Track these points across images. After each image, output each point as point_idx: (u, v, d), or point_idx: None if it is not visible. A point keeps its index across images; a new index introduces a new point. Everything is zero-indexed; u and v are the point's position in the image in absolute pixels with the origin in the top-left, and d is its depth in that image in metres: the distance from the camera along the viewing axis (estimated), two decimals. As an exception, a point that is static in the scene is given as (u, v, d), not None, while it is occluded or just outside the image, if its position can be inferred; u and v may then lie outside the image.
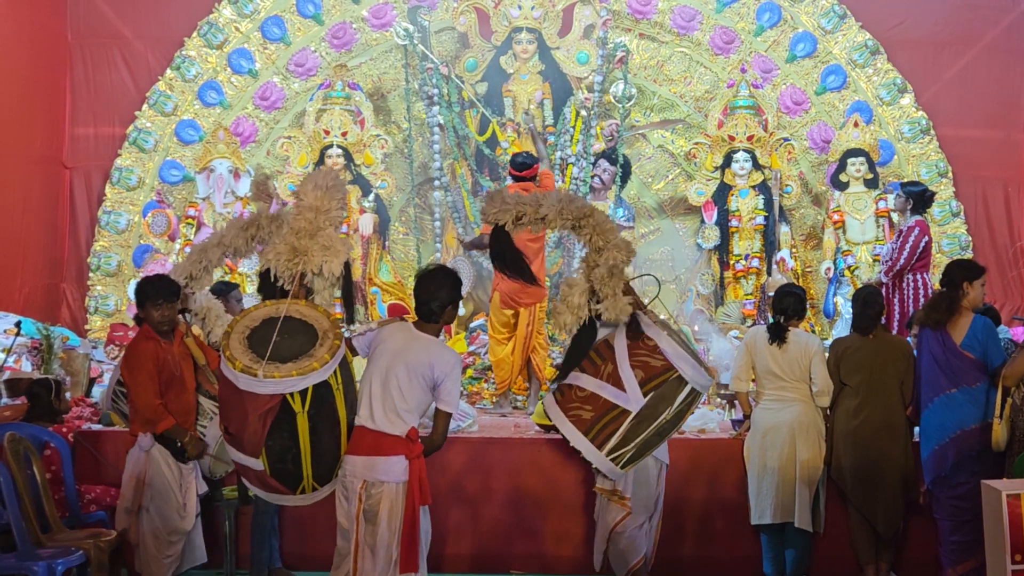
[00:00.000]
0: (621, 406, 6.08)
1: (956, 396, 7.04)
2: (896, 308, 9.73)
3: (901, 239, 9.74)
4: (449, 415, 5.69)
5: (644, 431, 6.14)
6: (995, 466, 6.85)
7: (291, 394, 5.31)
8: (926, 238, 9.75)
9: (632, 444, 6.16)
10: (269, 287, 5.87)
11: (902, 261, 9.67)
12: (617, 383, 6.11)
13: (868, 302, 7.63)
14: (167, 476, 6.51)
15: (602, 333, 6.25)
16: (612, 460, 6.17)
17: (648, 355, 6.16)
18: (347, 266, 5.94)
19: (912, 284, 9.73)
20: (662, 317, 6.37)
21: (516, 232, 6.37)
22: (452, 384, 5.63)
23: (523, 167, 9.54)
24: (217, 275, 8.84)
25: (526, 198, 6.34)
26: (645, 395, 6.07)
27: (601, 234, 6.21)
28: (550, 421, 7.22)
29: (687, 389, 6.13)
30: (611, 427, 6.10)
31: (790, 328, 7.54)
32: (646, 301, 6.42)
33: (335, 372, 5.46)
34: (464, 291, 10.41)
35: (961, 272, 7.20)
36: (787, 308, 7.58)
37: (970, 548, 6.94)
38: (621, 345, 6.16)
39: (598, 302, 6.15)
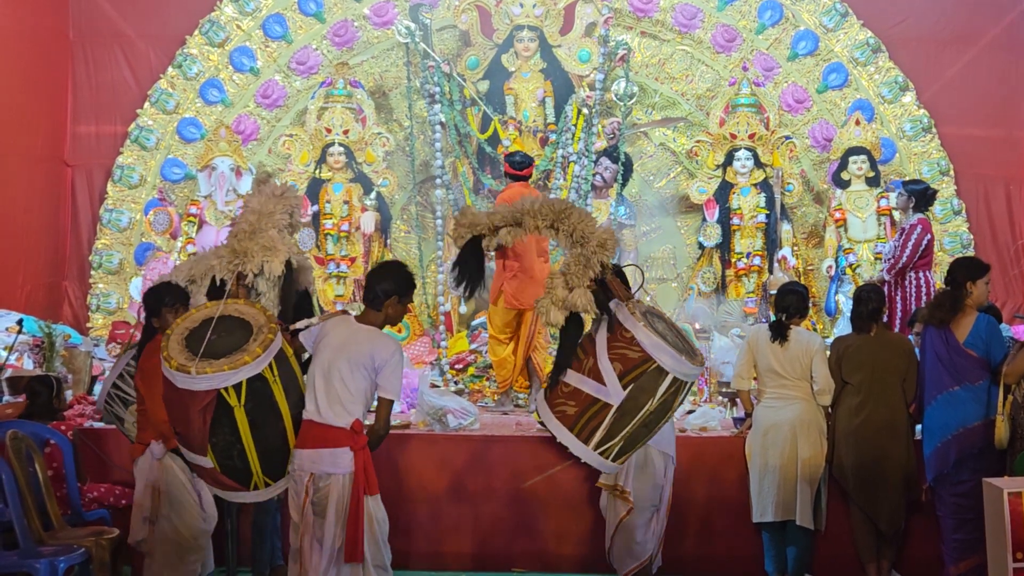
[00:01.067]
0: (602, 400, 6.08)
1: (959, 394, 7.04)
2: (899, 306, 9.72)
3: (903, 237, 9.74)
4: (391, 402, 5.72)
5: (628, 423, 6.14)
6: (997, 464, 6.86)
7: (226, 389, 5.41)
8: (928, 236, 9.75)
9: (619, 437, 6.16)
10: (215, 291, 6.00)
11: (904, 259, 9.67)
12: (597, 377, 6.11)
13: (863, 300, 7.63)
14: (183, 481, 6.50)
15: (592, 328, 6.26)
16: (601, 454, 6.17)
17: (626, 347, 6.15)
18: (288, 265, 6.02)
19: (914, 282, 9.73)
20: (651, 307, 6.37)
21: (492, 243, 6.40)
22: (392, 372, 5.66)
23: (521, 166, 9.55)
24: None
25: (498, 209, 6.37)
26: (625, 387, 6.06)
27: (583, 224, 6.21)
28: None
29: (668, 379, 6.11)
30: (595, 421, 6.10)
31: (792, 326, 7.54)
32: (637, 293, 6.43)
33: (271, 366, 5.54)
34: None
35: (965, 270, 7.20)
36: (789, 306, 7.58)
37: (972, 546, 6.94)
38: (601, 338, 6.16)
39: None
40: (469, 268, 6.43)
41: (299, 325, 5.97)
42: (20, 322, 9.06)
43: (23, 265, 11.41)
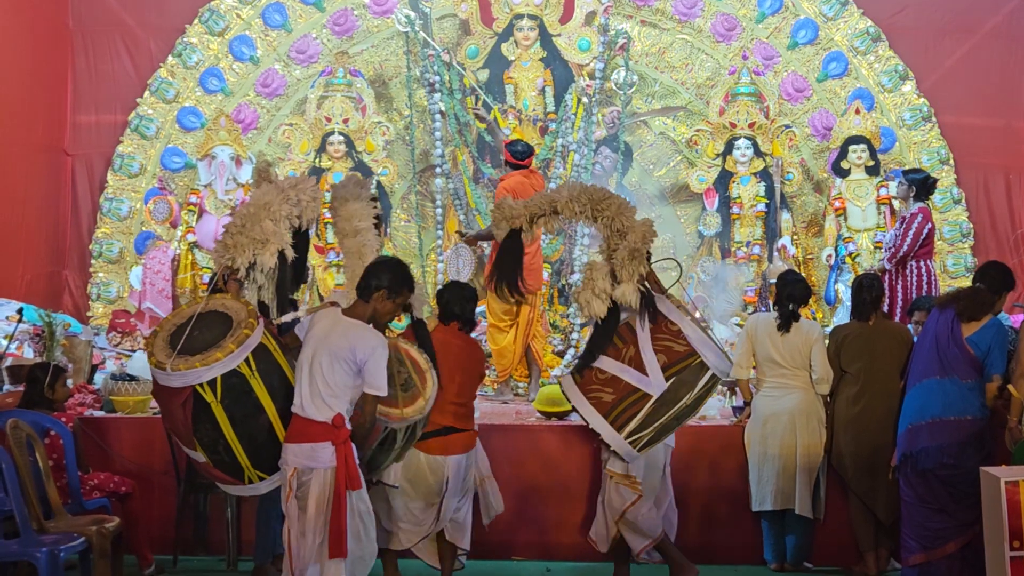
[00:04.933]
0: (643, 390, 6.17)
1: (945, 384, 6.97)
2: (899, 295, 9.72)
3: (904, 226, 9.74)
4: (376, 397, 5.67)
5: (664, 415, 6.23)
6: (972, 459, 6.76)
7: (201, 385, 5.48)
8: (929, 225, 9.74)
9: (651, 428, 6.25)
10: (217, 288, 6.05)
11: (905, 248, 9.66)
12: (639, 367, 6.20)
13: (865, 288, 7.63)
14: None
15: (622, 316, 6.30)
16: (630, 443, 6.22)
17: (671, 340, 6.25)
18: (282, 256, 6.01)
19: (915, 271, 9.72)
20: (681, 301, 6.44)
21: (533, 233, 6.45)
22: (375, 366, 5.60)
23: (523, 155, 9.55)
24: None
25: (534, 199, 6.40)
26: (667, 380, 6.16)
27: (623, 216, 6.26)
28: (558, 407, 7.28)
29: (708, 375, 6.25)
30: (632, 410, 6.18)
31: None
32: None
33: (248, 360, 5.56)
34: (465, 277, 10.49)
35: (1009, 281, 7.18)
36: (795, 294, 7.59)
37: (945, 535, 6.93)
38: (643, 329, 6.22)
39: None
40: (507, 264, 6.47)
41: (285, 319, 5.97)
42: (20, 311, 9.05)
43: (23, 254, 11.41)
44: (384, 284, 5.80)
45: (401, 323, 10.85)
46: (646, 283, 6.48)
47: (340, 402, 5.60)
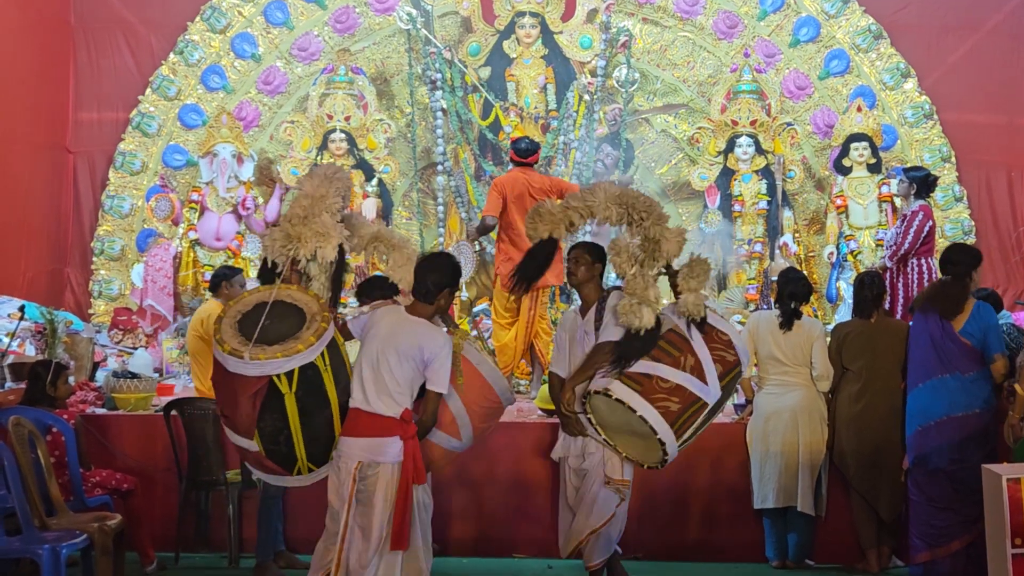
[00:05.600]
0: (702, 399, 6.19)
1: (948, 382, 7.02)
2: (900, 293, 9.70)
3: (905, 224, 9.72)
4: (439, 395, 5.72)
5: (707, 422, 6.31)
6: (978, 455, 6.81)
7: (278, 376, 5.44)
8: (930, 222, 9.73)
9: (695, 434, 6.30)
10: (267, 273, 5.97)
11: (906, 245, 9.64)
12: (701, 376, 6.22)
13: (866, 285, 7.64)
14: None
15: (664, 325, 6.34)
16: (681, 448, 6.30)
17: (724, 350, 6.32)
18: (341, 250, 6.00)
19: (916, 269, 9.70)
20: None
21: (567, 237, 6.51)
22: (441, 365, 5.66)
23: (526, 153, 9.54)
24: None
25: (571, 202, 6.42)
26: (722, 389, 6.23)
27: (659, 224, 6.33)
28: (553, 405, 7.24)
29: (737, 382, 6.36)
30: (692, 419, 6.23)
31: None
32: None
33: (323, 354, 5.56)
34: (466, 276, 10.50)
35: (970, 260, 7.20)
36: (797, 292, 7.60)
37: (946, 534, 6.99)
38: (697, 338, 6.26)
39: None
40: (534, 267, 6.51)
41: (350, 313, 5.98)
42: (22, 308, 9.07)
43: (25, 251, 11.42)
44: (448, 282, 5.90)
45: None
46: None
47: (407, 398, 5.66)
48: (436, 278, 5.87)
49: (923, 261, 9.72)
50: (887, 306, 8.05)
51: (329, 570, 5.67)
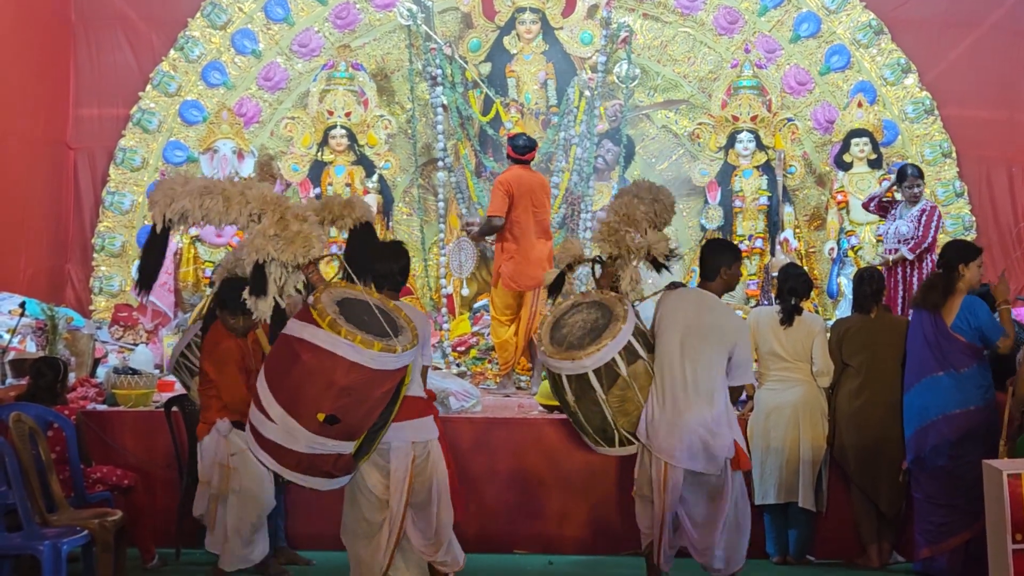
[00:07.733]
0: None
1: (942, 379, 7.04)
2: (910, 290, 9.63)
3: (926, 218, 9.61)
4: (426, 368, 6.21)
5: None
6: (976, 452, 6.81)
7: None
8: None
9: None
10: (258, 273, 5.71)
11: (929, 239, 9.59)
12: None
13: (864, 281, 7.65)
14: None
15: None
16: None
17: None
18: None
19: (931, 265, 9.65)
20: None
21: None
22: (423, 343, 6.02)
23: (524, 150, 9.54)
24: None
25: (602, 234, 6.58)
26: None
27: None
28: (555, 401, 7.26)
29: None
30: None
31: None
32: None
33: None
34: (468, 272, 10.50)
35: (958, 253, 7.21)
36: (797, 288, 7.60)
37: (947, 530, 7.03)
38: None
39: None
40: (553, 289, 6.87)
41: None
42: (23, 305, 9.07)
43: (25, 248, 11.41)
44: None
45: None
46: None
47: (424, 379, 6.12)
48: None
49: (927, 257, 9.68)
50: (901, 300, 8.02)
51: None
